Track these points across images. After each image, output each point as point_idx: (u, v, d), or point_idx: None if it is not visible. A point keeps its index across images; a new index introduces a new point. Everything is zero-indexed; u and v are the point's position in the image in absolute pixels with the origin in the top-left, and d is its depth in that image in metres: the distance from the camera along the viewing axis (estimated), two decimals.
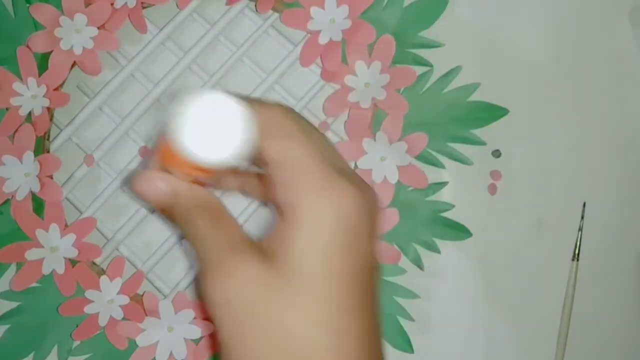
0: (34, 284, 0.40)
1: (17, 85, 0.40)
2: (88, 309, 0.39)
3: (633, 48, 0.45)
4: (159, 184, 0.25)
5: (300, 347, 0.21)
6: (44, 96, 0.40)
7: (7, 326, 0.40)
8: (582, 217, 0.44)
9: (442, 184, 0.42)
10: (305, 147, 0.24)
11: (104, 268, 0.41)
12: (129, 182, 0.29)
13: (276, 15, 0.43)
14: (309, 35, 0.42)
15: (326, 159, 0.24)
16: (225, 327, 0.22)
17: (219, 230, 0.23)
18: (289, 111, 0.26)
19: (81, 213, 0.42)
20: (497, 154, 0.43)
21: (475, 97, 0.42)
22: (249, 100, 0.25)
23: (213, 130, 0.24)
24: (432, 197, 0.42)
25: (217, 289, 0.21)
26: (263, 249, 0.23)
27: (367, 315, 0.23)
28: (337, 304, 0.22)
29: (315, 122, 0.42)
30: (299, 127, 0.25)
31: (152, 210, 0.41)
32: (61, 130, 0.42)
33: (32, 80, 0.40)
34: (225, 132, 0.24)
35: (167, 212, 0.25)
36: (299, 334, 0.21)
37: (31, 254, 0.39)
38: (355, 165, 0.41)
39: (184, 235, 0.25)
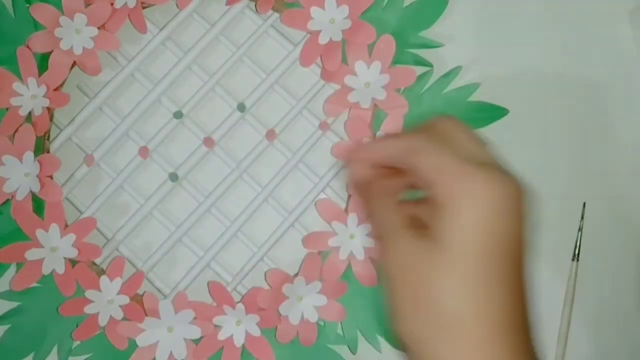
0: (34, 284, 0.40)
1: (17, 85, 0.40)
2: (88, 309, 0.40)
3: (633, 48, 0.45)
4: (359, 171, 0.32)
5: (446, 307, 0.26)
6: (44, 96, 0.40)
7: (7, 326, 0.40)
8: (582, 217, 0.44)
9: None
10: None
11: (104, 268, 0.41)
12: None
13: (276, 15, 0.43)
14: (309, 35, 0.42)
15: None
16: (390, 282, 0.28)
17: (393, 213, 0.29)
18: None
19: (81, 213, 0.42)
20: None
21: (475, 97, 0.42)
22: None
23: None
24: None
25: (388, 257, 0.28)
26: (421, 224, 0.28)
27: (510, 290, 0.27)
28: (482, 278, 0.27)
29: (315, 122, 0.43)
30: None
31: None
32: (61, 130, 0.42)
33: (32, 80, 0.40)
34: None
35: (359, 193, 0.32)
36: (445, 297, 0.27)
37: (31, 254, 0.39)
38: None
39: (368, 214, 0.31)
